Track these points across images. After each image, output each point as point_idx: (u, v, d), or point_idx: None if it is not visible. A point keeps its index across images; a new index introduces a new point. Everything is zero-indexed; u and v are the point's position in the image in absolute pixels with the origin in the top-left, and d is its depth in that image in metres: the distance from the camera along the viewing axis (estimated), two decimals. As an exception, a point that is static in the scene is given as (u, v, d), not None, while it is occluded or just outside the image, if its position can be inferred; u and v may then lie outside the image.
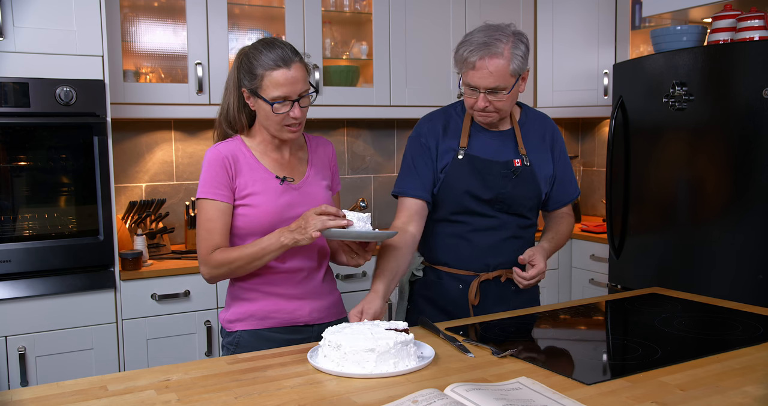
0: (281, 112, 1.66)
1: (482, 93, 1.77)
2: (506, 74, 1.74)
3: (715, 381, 1.26)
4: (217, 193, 1.69)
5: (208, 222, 1.70)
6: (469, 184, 1.86)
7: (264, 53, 1.67)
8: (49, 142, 2.43)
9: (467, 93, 1.81)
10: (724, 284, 2.53)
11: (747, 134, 2.45)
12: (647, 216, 2.88)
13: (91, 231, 2.48)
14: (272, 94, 1.65)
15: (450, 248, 1.94)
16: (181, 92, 2.86)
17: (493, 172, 1.87)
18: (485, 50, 1.73)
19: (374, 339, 1.33)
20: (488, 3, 3.51)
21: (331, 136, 3.53)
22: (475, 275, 1.91)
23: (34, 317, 2.39)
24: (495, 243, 1.91)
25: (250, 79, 1.68)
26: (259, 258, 1.65)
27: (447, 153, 1.89)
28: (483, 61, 1.73)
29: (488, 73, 1.73)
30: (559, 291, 3.53)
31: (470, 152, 1.88)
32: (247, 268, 1.68)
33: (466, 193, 1.87)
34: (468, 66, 1.75)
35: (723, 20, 2.72)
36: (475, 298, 1.89)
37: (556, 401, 1.14)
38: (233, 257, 1.67)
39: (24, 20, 2.35)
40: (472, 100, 1.81)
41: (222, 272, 1.70)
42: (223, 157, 1.71)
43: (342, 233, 1.58)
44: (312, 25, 3.09)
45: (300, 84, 1.67)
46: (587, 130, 4.19)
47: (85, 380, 1.32)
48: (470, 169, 1.87)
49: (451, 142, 1.90)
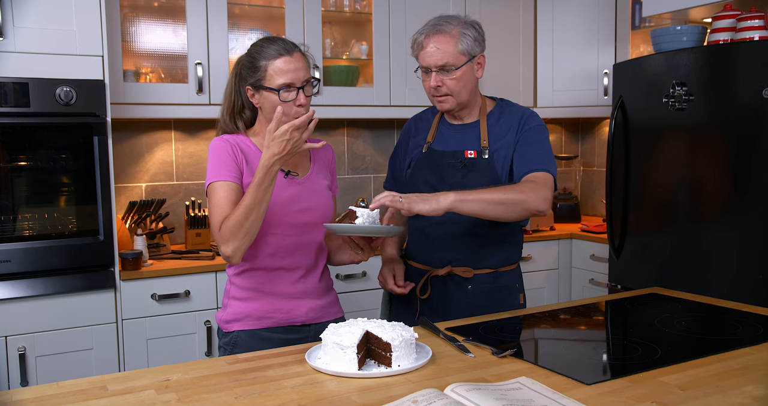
0: (288, 99, 1.68)
1: (434, 72, 1.84)
2: (454, 51, 1.82)
3: (715, 381, 1.26)
4: (227, 174, 1.68)
5: (219, 200, 1.66)
6: (428, 176, 1.93)
7: (265, 47, 1.71)
8: (49, 142, 2.43)
9: (423, 78, 1.89)
10: (724, 284, 2.53)
11: (747, 134, 2.45)
12: (647, 216, 2.88)
13: (91, 231, 2.48)
14: (277, 81, 1.67)
15: (414, 242, 2.03)
16: (181, 92, 2.86)
17: (444, 164, 1.92)
18: (433, 29, 1.84)
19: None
20: (488, 3, 3.51)
21: (331, 136, 3.53)
22: (429, 270, 1.94)
23: (34, 317, 2.39)
24: (448, 237, 1.92)
25: (253, 73, 1.70)
26: (259, 198, 1.58)
27: (414, 149, 2.01)
28: (429, 39, 1.83)
29: (435, 50, 1.82)
30: (559, 291, 3.53)
31: (433, 146, 1.97)
32: (255, 217, 1.60)
33: (425, 185, 1.92)
34: (418, 47, 1.86)
35: (723, 20, 2.72)
36: (424, 293, 1.93)
37: (556, 401, 1.14)
38: (236, 213, 1.60)
39: (24, 20, 2.35)
40: (427, 83, 1.88)
41: (239, 237, 1.61)
42: (231, 145, 1.73)
43: (351, 228, 1.60)
44: (312, 25, 3.09)
45: (302, 71, 1.70)
46: (587, 130, 4.19)
47: (85, 380, 1.32)
48: (429, 162, 1.95)
49: (419, 138, 2.02)
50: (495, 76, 3.56)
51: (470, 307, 1.89)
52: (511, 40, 3.61)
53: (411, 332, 1.38)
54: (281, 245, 1.75)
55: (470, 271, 1.91)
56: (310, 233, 1.79)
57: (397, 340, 1.33)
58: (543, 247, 3.46)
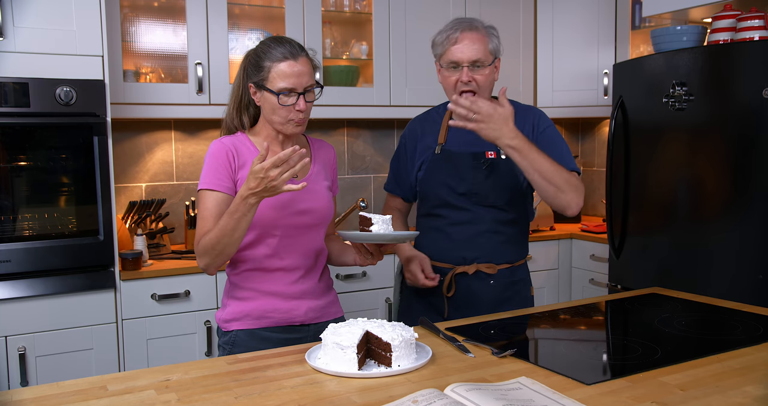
0: (287, 103, 1.67)
1: (465, 67, 1.86)
2: (485, 49, 1.87)
3: (715, 381, 1.26)
4: (217, 183, 1.69)
5: (204, 211, 1.69)
6: (445, 177, 1.96)
7: (272, 47, 1.70)
8: (49, 142, 2.43)
9: (448, 73, 1.89)
10: (724, 284, 2.53)
11: (747, 134, 2.45)
12: (647, 216, 2.88)
13: (91, 231, 2.48)
14: (279, 85, 1.67)
15: (431, 242, 2.02)
16: (181, 92, 2.86)
17: (465, 165, 1.95)
18: (466, 25, 1.88)
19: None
20: (488, 3, 3.51)
21: (331, 136, 3.53)
22: (451, 268, 1.97)
23: (34, 317, 2.39)
24: (471, 237, 1.97)
25: (257, 72, 1.70)
26: (232, 226, 1.57)
27: (425, 151, 2.02)
28: (465, 34, 1.86)
29: (470, 44, 1.85)
30: (559, 291, 3.54)
31: (446, 147, 1.99)
32: (228, 242, 1.60)
33: (443, 186, 1.96)
34: (450, 42, 1.87)
35: (723, 20, 2.72)
36: (449, 291, 1.97)
37: (556, 401, 1.14)
38: (210, 234, 1.62)
39: (24, 20, 2.35)
40: (454, 77, 1.88)
41: (211, 256, 1.64)
42: (227, 149, 1.72)
43: (365, 236, 1.61)
44: (312, 25, 3.09)
45: (306, 77, 1.69)
46: (587, 130, 4.19)
47: (85, 380, 1.32)
48: (446, 163, 1.97)
49: (429, 140, 2.02)
50: (495, 76, 3.57)
51: (493, 301, 1.97)
52: (511, 40, 3.61)
53: (411, 332, 1.38)
54: (281, 246, 1.75)
55: (494, 267, 1.97)
56: (309, 234, 1.79)
57: (397, 340, 1.33)
58: (543, 247, 3.46)
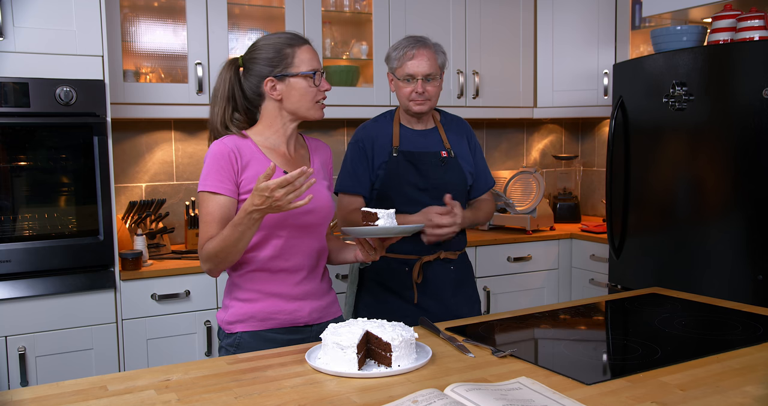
0: (319, 84, 1.74)
1: (420, 80, 2.13)
2: (436, 64, 2.16)
3: (715, 381, 1.26)
4: (219, 186, 1.67)
5: (207, 216, 1.68)
6: (408, 175, 2.18)
7: (282, 37, 1.75)
8: (49, 142, 2.43)
9: (403, 84, 2.16)
10: (724, 284, 2.53)
11: (747, 134, 2.45)
12: (647, 216, 2.88)
13: (91, 231, 2.48)
14: (307, 67, 1.73)
15: (403, 238, 2.13)
16: (181, 92, 2.86)
17: (425, 162, 2.20)
18: (420, 44, 2.16)
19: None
20: (488, 3, 3.51)
21: (331, 136, 3.53)
22: (418, 258, 2.19)
23: (34, 317, 2.39)
24: None
25: (277, 63, 1.72)
26: (235, 237, 1.58)
27: (381, 153, 2.21)
28: (420, 51, 2.14)
29: (426, 60, 2.13)
30: (559, 291, 3.54)
31: (402, 149, 2.21)
32: (230, 251, 1.62)
33: (407, 184, 2.18)
34: (407, 57, 2.14)
35: (723, 20, 2.72)
36: (418, 277, 2.19)
37: (556, 401, 1.14)
38: (214, 242, 1.63)
39: (24, 20, 2.35)
40: (409, 88, 2.15)
41: (214, 263, 1.66)
42: (229, 151, 1.69)
43: (372, 230, 1.62)
44: (312, 25, 3.09)
45: (318, 60, 1.76)
46: (587, 130, 4.19)
47: (85, 380, 1.32)
48: (406, 163, 2.19)
49: (384, 143, 2.22)
50: (495, 77, 3.57)
51: (454, 283, 2.24)
52: (511, 40, 3.61)
53: (411, 332, 1.38)
54: (285, 247, 1.74)
55: (455, 253, 2.25)
56: (312, 234, 1.79)
57: (397, 340, 1.33)
58: (543, 247, 3.46)
